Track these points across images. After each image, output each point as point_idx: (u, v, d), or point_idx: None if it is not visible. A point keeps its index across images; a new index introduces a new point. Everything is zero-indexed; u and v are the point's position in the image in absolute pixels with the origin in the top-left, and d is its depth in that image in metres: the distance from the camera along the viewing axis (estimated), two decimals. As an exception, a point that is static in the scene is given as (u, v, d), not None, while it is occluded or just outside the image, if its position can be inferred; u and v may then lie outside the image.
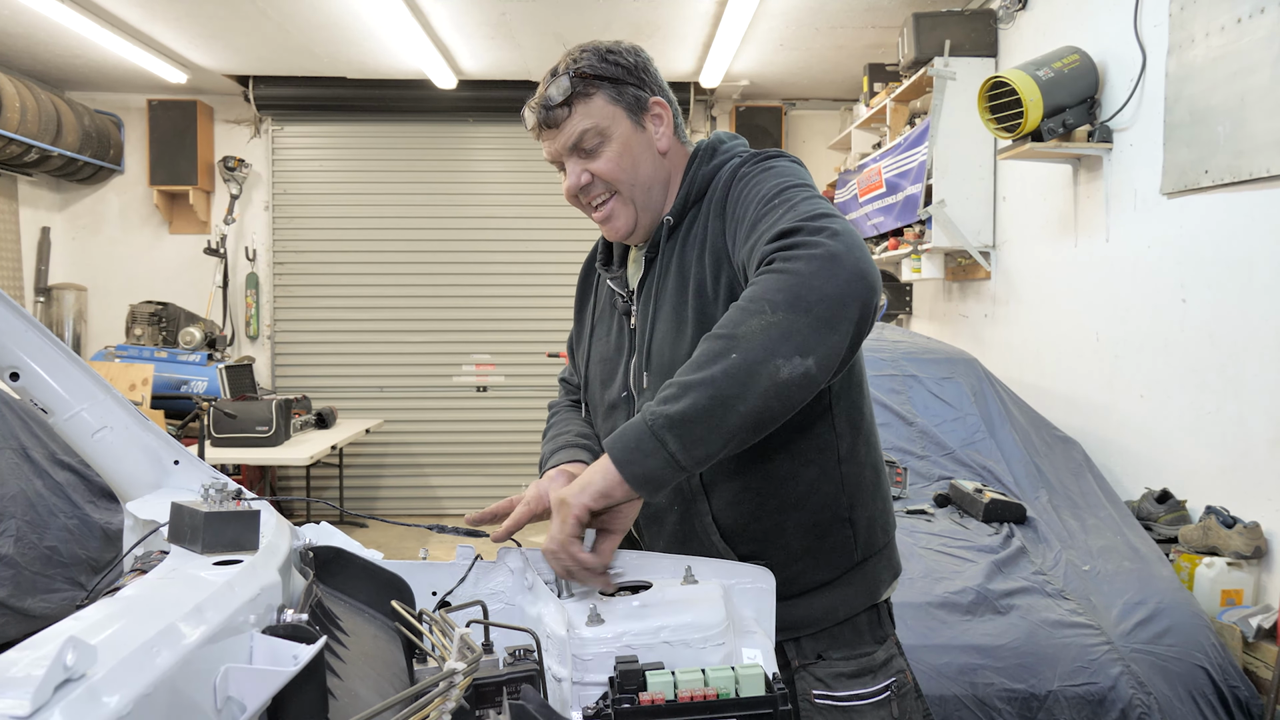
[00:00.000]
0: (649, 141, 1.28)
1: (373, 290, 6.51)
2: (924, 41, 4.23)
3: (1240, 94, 2.55)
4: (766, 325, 0.93)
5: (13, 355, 1.13)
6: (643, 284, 1.29)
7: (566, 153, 1.26)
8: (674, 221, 1.27)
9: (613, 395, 1.32)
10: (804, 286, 0.94)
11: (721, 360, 0.94)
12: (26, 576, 3.19)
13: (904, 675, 1.26)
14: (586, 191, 1.28)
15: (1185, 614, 2.29)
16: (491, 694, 0.84)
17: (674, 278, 1.24)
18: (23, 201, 6.04)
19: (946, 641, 2.19)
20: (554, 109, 1.23)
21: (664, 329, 1.23)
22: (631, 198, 1.27)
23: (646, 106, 1.28)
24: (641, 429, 0.96)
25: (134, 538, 1.17)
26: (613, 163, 1.25)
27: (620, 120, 1.25)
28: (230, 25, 4.98)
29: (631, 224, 1.29)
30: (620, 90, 1.25)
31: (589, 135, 1.24)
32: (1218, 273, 2.71)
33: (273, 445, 4.84)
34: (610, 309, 1.37)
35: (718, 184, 1.25)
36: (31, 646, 0.62)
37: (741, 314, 0.95)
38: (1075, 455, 3.18)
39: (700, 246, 1.23)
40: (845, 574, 1.23)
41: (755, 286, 0.97)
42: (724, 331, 0.96)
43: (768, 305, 0.94)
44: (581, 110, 1.24)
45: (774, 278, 0.96)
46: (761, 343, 0.93)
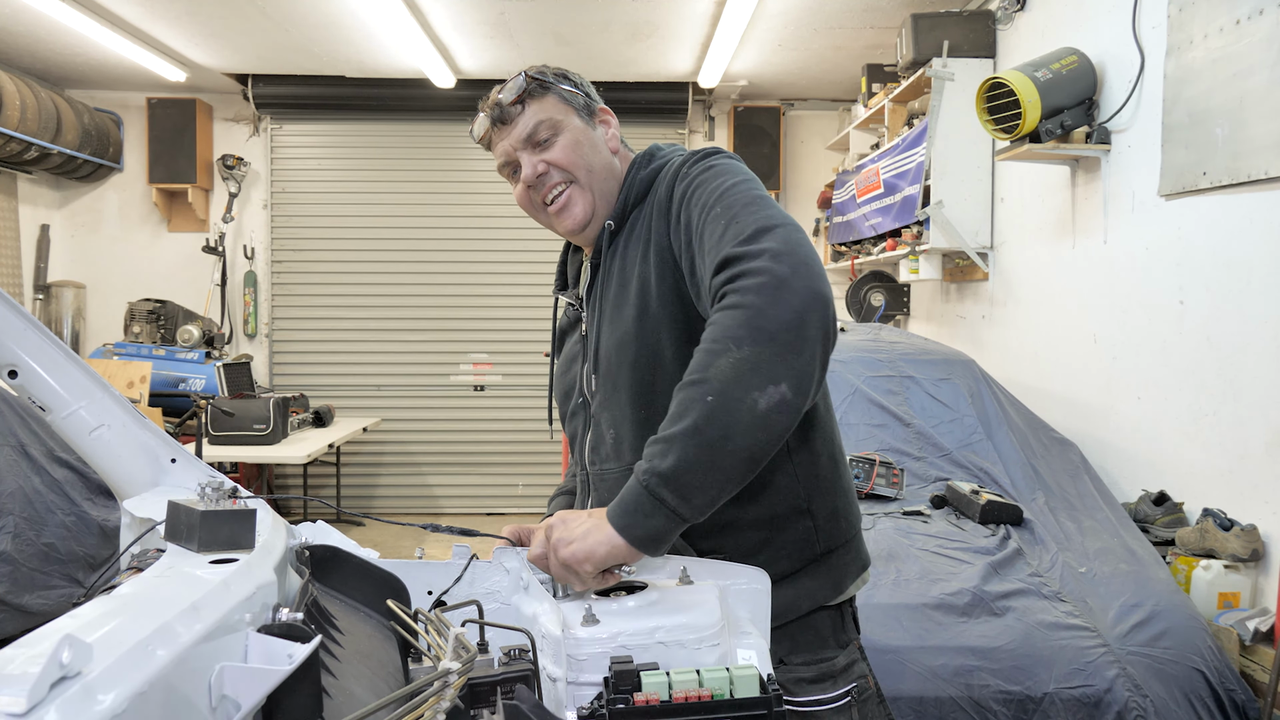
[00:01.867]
0: (600, 139, 1.32)
1: (370, 289, 6.50)
2: (922, 42, 4.23)
3: (1239, 96, 2.55)
4: (735, 362, 0.93)
5: (11, 353, 1.13)
6: (590, 290, 1.31)
7: (520, 145, 1.27)
8: (615, 226, 1.28)
9: (574, 403, 1.34)
10: (760, 317, 0.94)
11: (699, 406, 0.94)
12: (24, 573, 3.20)
13: (865, 680, 1.25)
14: (543, 182, 1.28)
15: (1182, 617, 2.29)
16: (486, 694, 0.85)
17: (616, 279, 1.26)
18: (22, 199, 6.04)
19: (942, 643, 2.19)
20: (508, 106, 1.27)
21: (608, 330, 1.24)
22: (590, 185, 1.28)
23: (595, 111, 1.33)
24: (638, 491, 0.96)
25: (131, 536, 1.17)
26: (568, 149, 1.27)
27: (571, 115, 1.29)
28: (230, 24, 4.97)
29: (589, 211, 1.29)
30: (571, 94, 1.30)
31: (543, 126, 1.27)
32: (1216, 274, 2.71)
33: (270, 443, 4.84)
34: (570, 323, 1.41)
35: (659, 186, 1.26)
36: (27, 644, 0.62)
37: (709, 356, 0.96)
38: (1072, 457, 3.18)
39: (643, 246, 1.23)
40: (807, 566, 1.21)
41: (714, 327, 0.97)
42: (695, 377, 0.96)
43: (731, 343, 0.94)
44: (534, 106, 1.27)
45: (729, 314, 0.96)
46: (733, 380, 0.93)
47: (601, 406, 1.26)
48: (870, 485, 2.90)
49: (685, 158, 1.24)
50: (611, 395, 1.24)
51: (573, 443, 1.36)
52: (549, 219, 1.32)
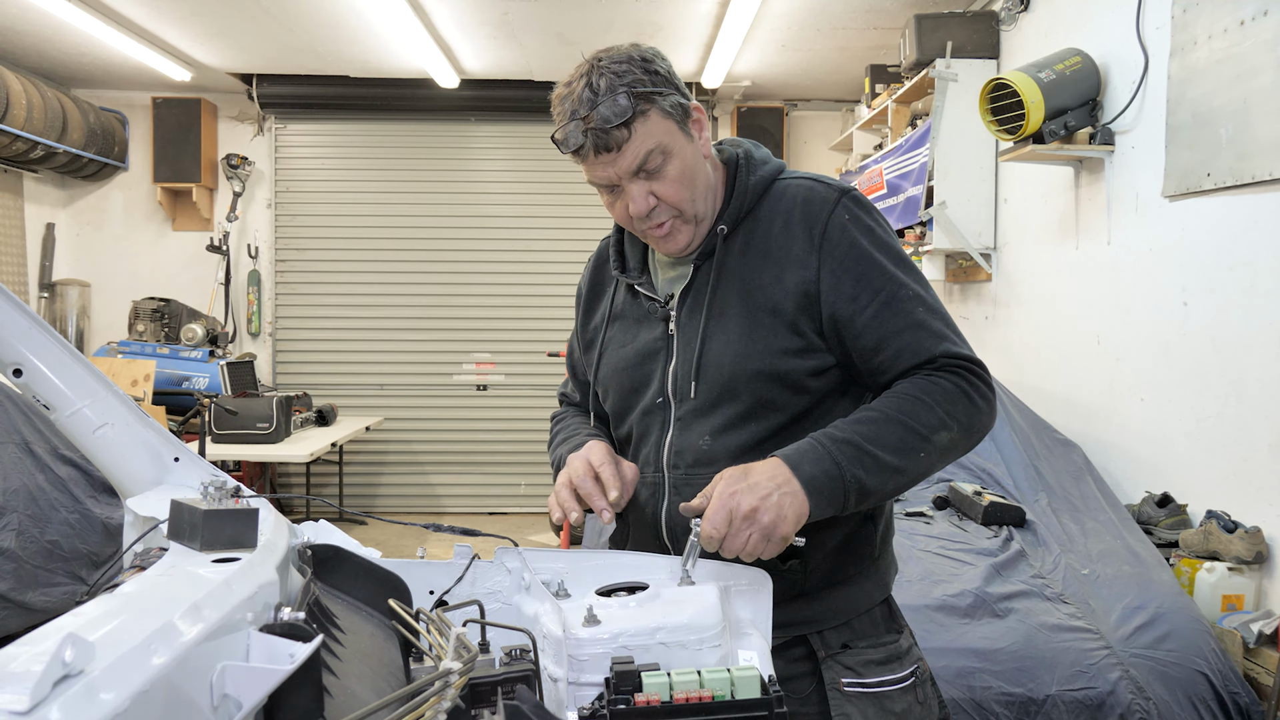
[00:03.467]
0: (699, 151, 1.25)
1: (374, 288, 6.51)
2: (926, 43, 4.23)
3: (1243, 97, 2.55)
4: (950, 441, 1.15)
5: (16, 352, 1.14)
6: (688, 289, 1.27)
7: (629, 175, 1.19)
8: (727, 231, 1.25)
9: (646, 401, 1.29)
10: (978, 418, 1.17)
11: (913, 456, 1.12)
12: (28, 570, 3.20)
13: (922, 663, 1.30)
14: (652, 216, 1.22)
15: (1185, 619, 2.29)
16: (487, 694, 0.85)
17: (735, 289, 1.23)
18: (28, 198, 6.06)
19: (944, 644, 2.19)
20: (614, 130, 1.15)
21: (724, 339, 1.22)
22: (695, 216, 1.24)
23: (690, 114, 1.24)
24: (836, 485, 1.09)
25: (134, 534, 1.17)
26: (678, 183, 1.21)
27: (676, 135, 1.21)
28: (235, 24, 4.98)
29: (691, 240, 1.26)
30: (670, 102, 1.20)
31: (654, 155, 1.18)
32: (1219, 276, 2.70)
33: (273, 442, 4.85)
34: (633, 313, 1.34)
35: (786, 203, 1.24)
36: (30, 642, 0.63)
37: (936, 421, 1.13)
38: (1075, 458, 3.18)
39: (778, 266, 1.22)
40: (864, 569, 1.27)
41: (946, 394, 1.15)
42: (920, 430, 1.13)
43: (956, 423, 1.14)
44: (642, 130, 1.17)
45: (963, 398, 1.16)
46: (940, 453, 1.15)
47: (699, 413, 1.24)
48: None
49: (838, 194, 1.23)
50: (718, 405, 1.23)
51: (640, 443, 1.31)
52: (645, 236, 1.27)
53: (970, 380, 1.16)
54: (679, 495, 1.25)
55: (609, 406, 1.37)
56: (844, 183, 1.26)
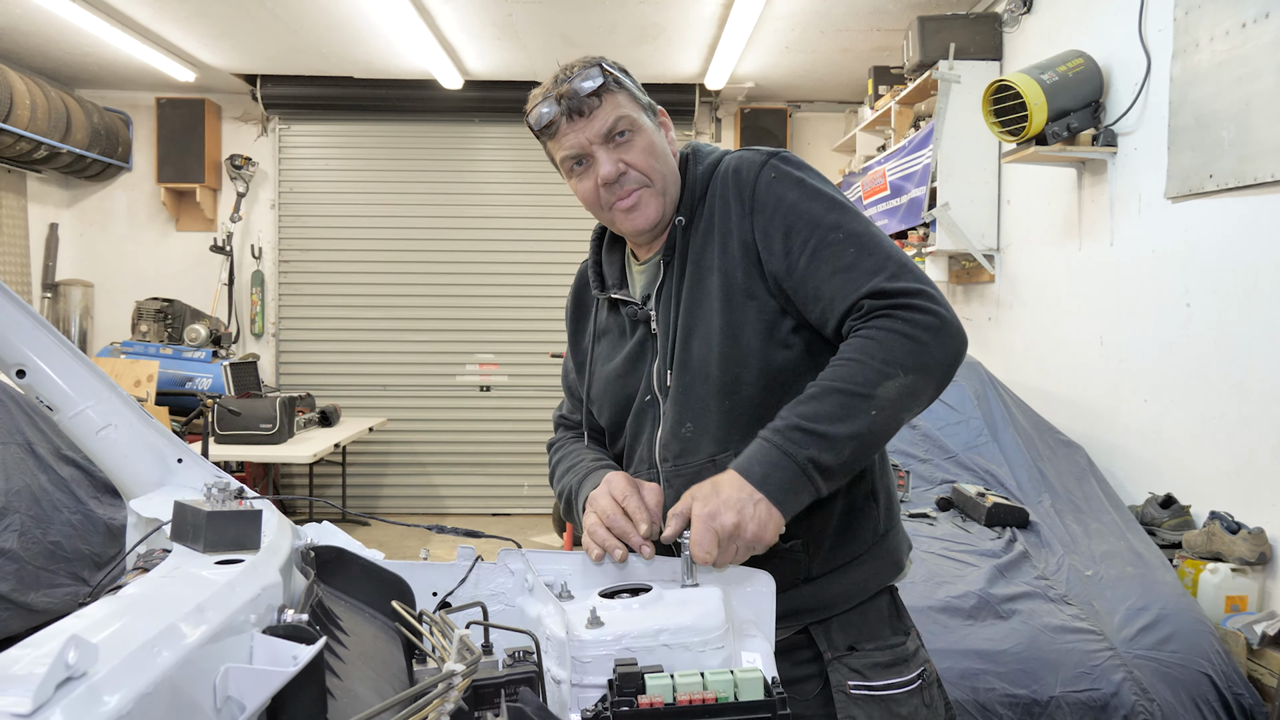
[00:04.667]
0: (664, 139, 1.31)
1: (377, 289, 6.52)
2: (929, 44, 4.22)
3: (1245, 99, 2.54)
4: (900, 386, 1.07)
5: (20, 353, 1.14)
6: (661, 287, 1.29)
7: (600, 140, 1.24)
8: (685, 221, 1.28)
9: (638, 405, 1.31)
10: (927, 354, 1.09)
11: (864, 418, 1.07)
12: (30, 571, 3.20)
13: (929, 666, 1.30)
14: (622, 183, 1.25)
15: (1189, 620, 2.28)
16: (490, 695, 0.85)
17: (691, 275, 1.26)
18: (31, 198, 6.07)
19: (948, 646, 2.19)
20: (586, 97, 1.22)
21: (690, 326, 1.24)
22: (663, 190, 1.27)
23: (656, 113, 1.32)
24: (796, 475, 1.06)
25: (137, 535, 1.17)
26: (646, 153, 1.25)
27: (643, 115, 1.28)
28: (239, 25, 4.99)
29: (659, 214, 1.28)
30: (634, 93, 1.29)
31: (623, 122, 1.24)
32: (1222, 277, 2.70)
33: (276, 443, 4.85)
34: (616, 325, 1.37)
35: (721, 180, 1.28)
36: (33, 644, 0.63)
37: (871, 373, 1.07)
38: (1078, 459, 3.17)
39: (722, 240, 1.24)
40: (871, 548, 1.26)
41: (875, 345, 1.09)
42: (859, 390, 1.07)
43: (900, 369, 1.07)
44: (611, 101, 1.24)
45: (896, 339, 1.08)
46: (896, 402, 1.08)
47: (677, 401, 1.26)
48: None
49: (764, 156, 1.26)
50: (692, 388, 1.24)
51: (634, 443, 1.34)
52: (613, 216, 1.29)
53: (902, 317, 1.10)
54: (672, 488, 1.26)
55: (604, 421, 1.39)
56: (774, 148, 1.28)
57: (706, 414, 1.22)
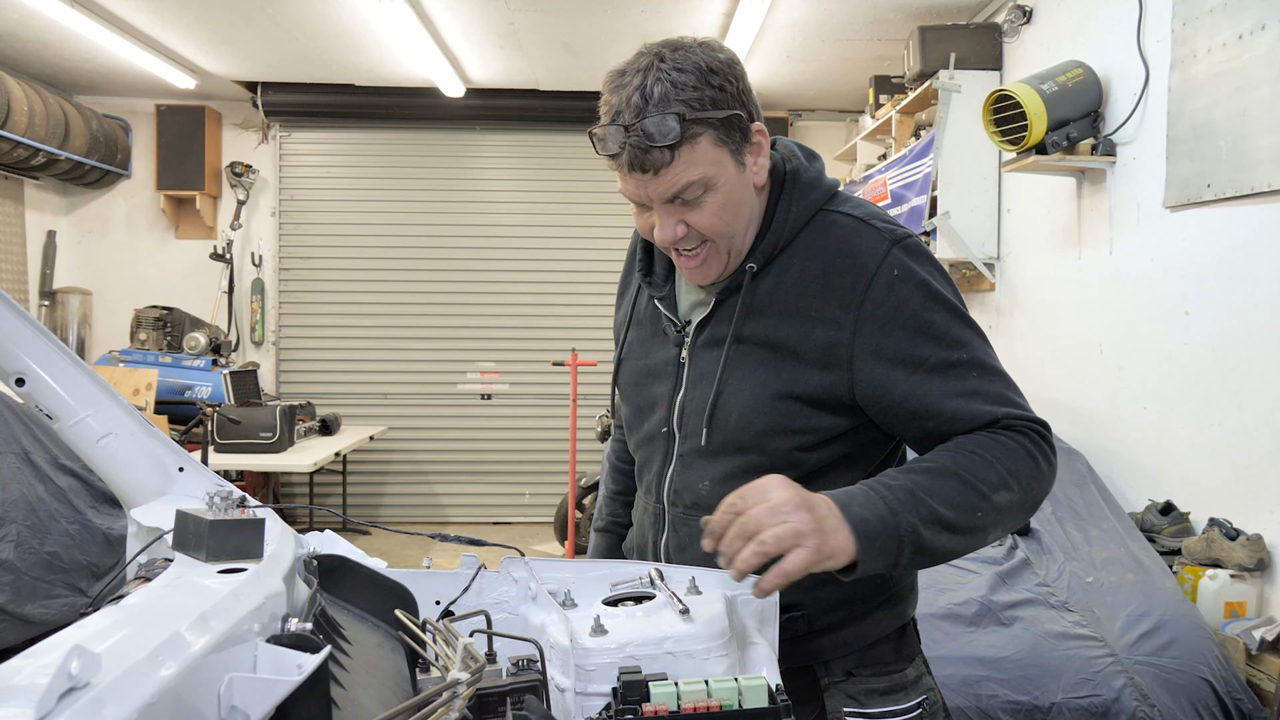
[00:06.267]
0: (749, 181, 1.12)
1: (378, 297, 6.52)
2: (929, 54, 4.24)
3: (1242, 109, 2.55)
4: (1009, 502, 1.03)
5: (19, 360, 1.14)
6: (706, 322, 1.18)
7: (660, 201, 1.08)
8: (757, 269, 1.14)
9: (651, 427, 1.23)
10: (1041, 483, 1.06)
11: (972, 518, 1.02)
12: (27, 582, 3.17)
13: (933, 694, 1.23)
14: (682, 242, 1.12)
15: (1188, 626, 2.28)
16: (494, 704, 0.84)
17: (757, 334, 1.13)
18: (29, 205, 6.07)
19: (950, 653, 2.18)
20: (654, 150, 1.03)
21: (737, 386, 1.13)
22: (728, 249, 1.13)
23: (749, 138, 1.11)
24: (892, 540, 0.97)
25: (138, 544, 1.17)
26: (715, 216, 1.09)
27: (725, 165, 1.08)
28: (240, 32, 5.00)
29: (721, 272, 1.15)
30: (728, 128, 1.07)
31: (693, 187, 1.07)
32: (1220, 286, 2.71)
33: (276, 452, 4.84)
34: (652, 323, 1.26)
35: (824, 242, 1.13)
36: (35, 654, 0.62)
37: (998, 479, 1.03)
38: (1079, 467, 3.17)
39: (806, 318, 1.11)
40: (880, 606, 1.21)
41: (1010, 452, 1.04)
42: (981, 488, 1.02)
43: (1018, 485, 1.04)
44: (686, 158, 1.05)
45: (1027, 461, 1.05)
46: (1000, 517, 1.04)
47: (702, 456, 1.17)
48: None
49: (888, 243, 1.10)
50: (722, 453, 1.16)
51: (643, 468, 1.28)
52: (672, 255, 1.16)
53: (1035, 440, 1.06)
54: (677, 533, 1.21)
55: (624, 417, 1.32)
56: (897, 228, 1.12)
57: (728, 482, 1.10)
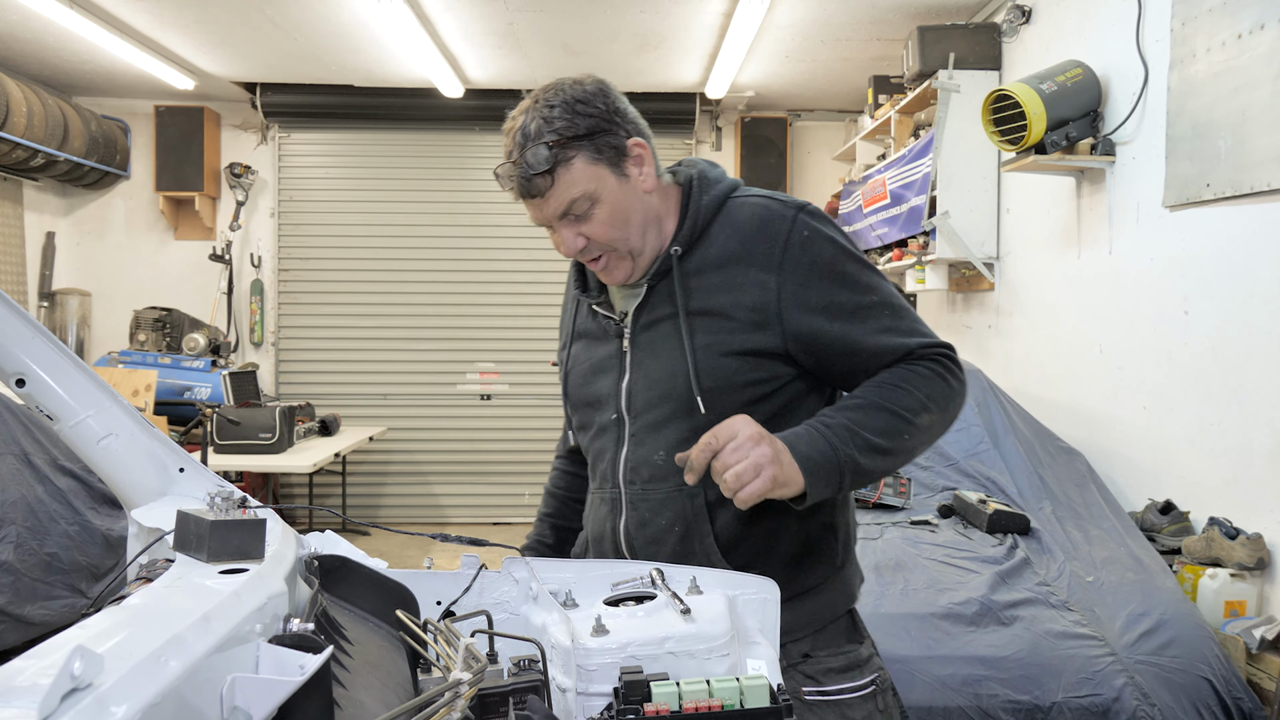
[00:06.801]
0: (635, 188, 1.25)
1: (377, 298, 6.52)
2: (928, 54, 4.24)
3: (1241, 109, 2.56)
4: (931, 422, 1.21)
5: (19, 361, 1.13)
6: (642, 308, 1.29)
7: (554, 220, 1.23)
8: (681, 252, 1.26)
9: (604, 418, 1.32)
10: (953, 401, 1.23)
11: (899, 439, 1.18)
12: (26, 583, 3.17)
13: (883, 673, 1.32)
14: (585, 253, 1.26)
15: (1189, 625, 2.29)
16: (496, 704, 0.84)
17: (690, 308, 1.24)
18: (28, 206, 6.06)
19: (950, 653, 2.19)
20: (535, 178, 1.20)
21: (678, 356, 1.24)
22: (630, 250, 1.26)
23: (626, 152, 1.24)
24: (833, 465, 1.14)
25: (138, 545, 1.17)
26: (605, 225, 1.23)
27: (604, 178, 1.22)
28: (239, 33, 5.00)
29: (629, 273, 1.28)
30: (599, 146, 1.21)
31: (579, 202, 1.21)
32: (1220, 285, 2.71)
33: (276, 452, 4.84)
34: (595, 329, 1.36)
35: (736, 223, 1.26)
36: (38, 655, 0.62)
37: (918, 405, 1.19)
38: (1079, 466, 3.17)
39: (733, 285, 1.23)
40: (826, 581, 1.29)
41: (925, 380, 1.20)
42: (904, 415, 1.18)
43: (936, 406, 1.20)
44: (565, 178, 1.20)
45: (938, 384, 1.21)
46: (925, 436, 1.21)
47: (653, 429, 1.26)
48: (878, 495, 2.89)
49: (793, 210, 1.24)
50: (670, 422, 1.25)
51: (596, 459, 1.35)
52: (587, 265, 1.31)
53: (945, 365, 1.22)
54: (636, 511, 1.28)
55: (575, 422, 1.41)
56: (798, 199, 1.27)
57: (681, 446, 1.18)
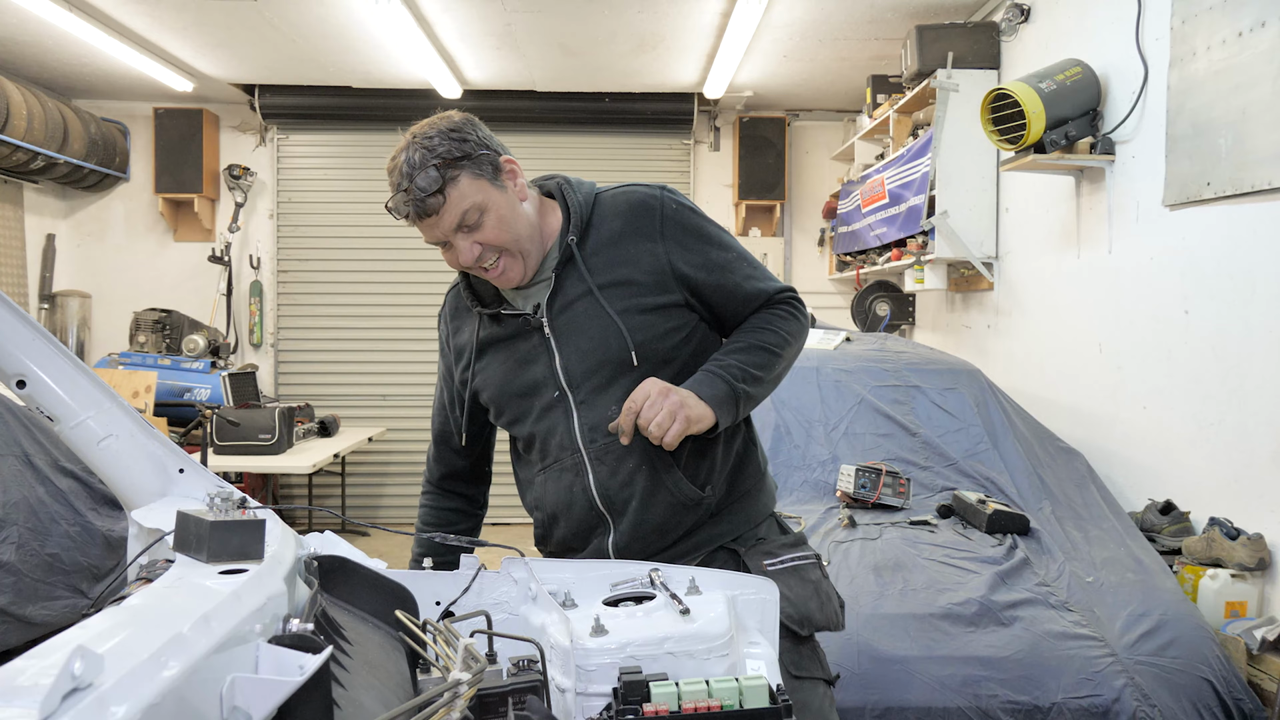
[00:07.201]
0: (514, 198, 1.44)
1: (376, 299, 6.52)
2: (927, 53, 4.24)
3: (1241, 107, 2.56)
4: (793, 352, 1.52)
5: (20, 363, 1.14)
6: (555, 295, 1.47)
7: (451, 233, 1.39)
8: (578, 239, 1.47)
9: (544, 401, 1.49)
10: (803, 334, 1.54)
11: (774, 366, 1.48)
12: (28, 584, 3.18)
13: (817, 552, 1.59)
14: (481, 260, 1.42)
15: (1189, 626, 2.28)
16: (495, 704, 0.84)
17: (600, 284, 1.45)
18: (28, 209, 6.07)
19: (949, 653, 2.18)
20: (428, 199, 1.36)
21: (604, 324, 1.44)
22: (520, 252, 1.43)
23: (501, 168, 1.43)
24: (729, 394, 1.40)
25: (139, 546, 1.17)
26: (496, 229, 1.40)
27: (488, 190, 1.40)
28: (237, 34, 5.00)
29: (523, 272, 1.45)
30: (478, 163, 1.39)
31: (470, 213, 1.38)
32: (1220, 284, 2.71)
33: (275, 453, 4.84)
34: (502, 335, 1.52)
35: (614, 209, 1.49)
36: (39, 655, 0.62)
37: (778, 338, 1.49)
38: (1078, 466, 3.17)
39: (626, 258, 1.46)
40: (756, 484, 1.56)
41: (781, 320, 1.51)
42: (773, 348, 1.48)
43: (793, 339, 1.51)
44: (454, 194, 1.37)
45: (794, 322, 1.52)
46: (788, 360, 1.52)
47: (598, 391, 1.45)
48: (877, 495, 2.89)
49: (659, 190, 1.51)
50: (613, 381, 1.45)
51: (547, 436, 1.50)
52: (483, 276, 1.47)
53: (794, 306, 1.53)
54: (604, 464, 1.46)
55: (505, 419, 1.56)
56: (656, 183, 1.54)
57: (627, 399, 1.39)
